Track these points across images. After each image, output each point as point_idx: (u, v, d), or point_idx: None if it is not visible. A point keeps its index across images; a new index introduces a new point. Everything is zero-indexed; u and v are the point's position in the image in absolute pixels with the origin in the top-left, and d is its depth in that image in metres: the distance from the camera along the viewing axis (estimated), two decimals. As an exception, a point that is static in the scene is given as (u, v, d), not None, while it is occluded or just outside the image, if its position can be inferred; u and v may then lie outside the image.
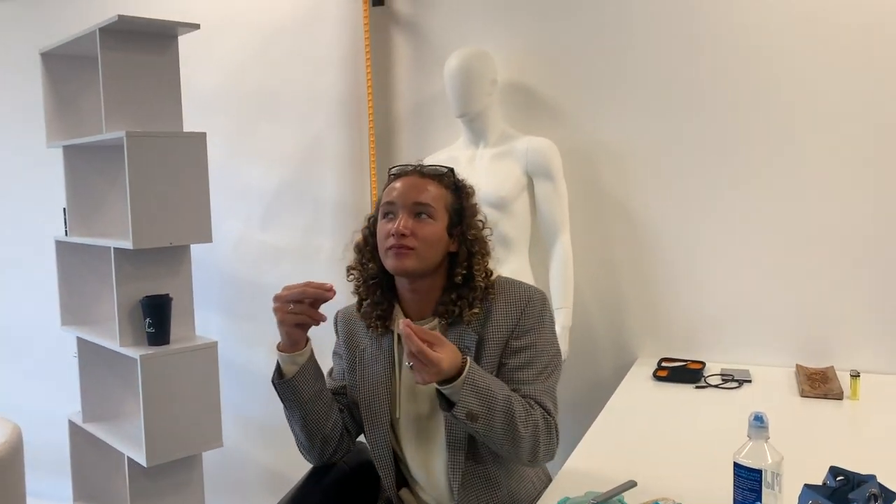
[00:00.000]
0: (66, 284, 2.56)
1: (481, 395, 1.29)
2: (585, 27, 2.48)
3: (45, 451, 3.20)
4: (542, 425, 1.37)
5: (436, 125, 2.74)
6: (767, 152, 2.28)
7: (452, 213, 1.47)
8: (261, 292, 2.95)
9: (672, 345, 2.45)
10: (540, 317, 1.46)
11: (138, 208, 2.09)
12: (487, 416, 1.30)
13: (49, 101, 2.51)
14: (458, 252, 1.45)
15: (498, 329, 1.44)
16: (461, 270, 1.43)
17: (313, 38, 2.79)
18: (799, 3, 2.20)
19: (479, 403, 1.29)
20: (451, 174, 1.51)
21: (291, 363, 1.42)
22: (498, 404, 1.31)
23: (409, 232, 1.39)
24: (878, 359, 2.20)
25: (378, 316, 1.49)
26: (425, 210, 1.42)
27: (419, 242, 1.40)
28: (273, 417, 2.94)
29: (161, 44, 2.23)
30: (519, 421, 1.33)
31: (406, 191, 1.44)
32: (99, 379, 2.54)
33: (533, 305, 1.45)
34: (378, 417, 1.49)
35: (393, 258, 1.40)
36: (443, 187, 1.47)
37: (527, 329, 1.44)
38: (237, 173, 2.97)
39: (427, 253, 1.41)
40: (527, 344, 1.43)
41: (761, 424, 1.12)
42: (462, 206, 1.48)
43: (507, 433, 1.32)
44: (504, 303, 1.46)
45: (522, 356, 1.43)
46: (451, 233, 1.46)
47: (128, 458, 2.22)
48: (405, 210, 1.42)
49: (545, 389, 1.43)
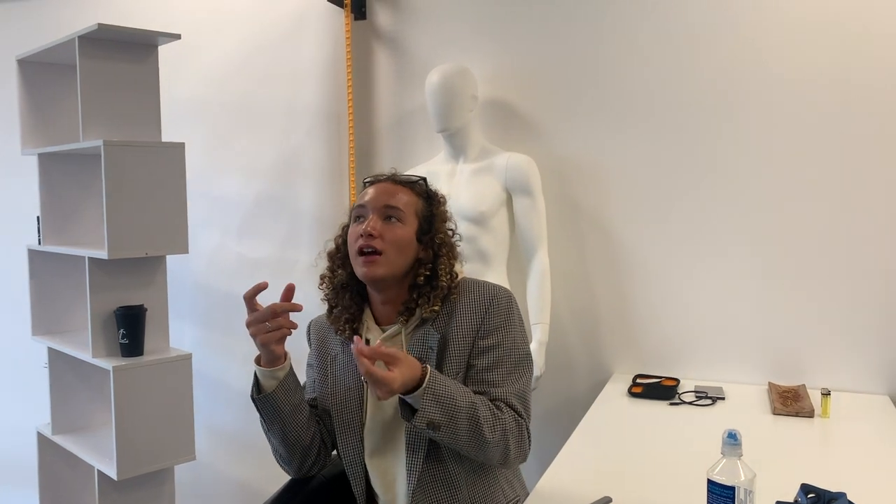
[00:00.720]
0: (38, 294, 2.52)
1: (443, 403, 1.29)
2: (565, 45, 2.51)
3: (12, 463, 3.14)
4: (512, 428, 1.37)
5: (416, 139, 2.75)
6: (743, 173, 2.32)
7: (423, 220, 1.48)
8: (236, 304, 2.93)
9: (647, 361, 2.47)
10: (507, 315, 1.45)
11: (114, 218, 2.06)
12: (450, 425, 1.30)
13: (25, 108, 2.48)
14: (423, 256, 1.46)
15: (462, 328, 1.43)
16: (424, 271, 1.44)
17: (295, 50, 2.79)
18: (776, 25, 2.25)
19: (440, 412, 1.29)
20: (423, 183, 1.54)
21: (271, 378, 1.42)
22: (461, 412, 1.30)
23: (377, 233, 1.41)
24: (849, 377, 2.23)
25: (347, 320, 1.49)
26: (395, 213, 1.44)
27: (387, 245, 1.41)
28: (246, 431, 2.92)
29: (141, 53, 2.22)
30: (486, 426, 1.32)
31: (377, 195, 1.46)
32: (69, 390, 2.50)
33: (498, 303, 1.45)
34: (349, 425, 1.49)
35: (362, 265, 1.41)
36: (414, 194, 1.50)
37: (493, 328, 1.43)
38: (214, 184, 2.95)
39: (395, 257, 1.42)
40: (494, 343, 1.43)
41: (735, 442, 1.13)
42: (433, 213, 1.50)
43: (472, 439, 1.32)
44: (468, 301, 1.45)
45: (490, 356, 1.42)
46: (420, 239, 1.46)
47: (98, 472, 2.18)
48: (375, 212, 1.44)
49: (515, 392, 1.42)
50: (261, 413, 1.44)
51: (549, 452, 2.56)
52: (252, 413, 2.89)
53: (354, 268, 1.45)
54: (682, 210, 2.40)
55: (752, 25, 2.28)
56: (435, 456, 1.43)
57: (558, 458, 1.72)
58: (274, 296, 3.04)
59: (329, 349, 1.56)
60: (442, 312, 1.45)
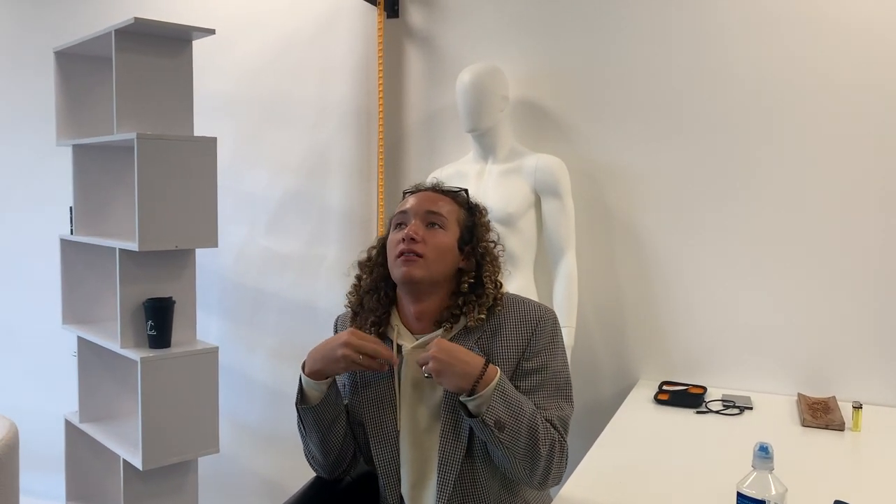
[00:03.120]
0: (68, 283, 2.55)
1: (511, 404, 1.28)
2: (599, 48, 2.49)
3: (40, 449, 3.19)
4: (556, 448, 1.35)
5: (445, 139, 2.75)
6: (777, 182, 2.28)
7: (464, 229, 1.46)
8: (262, 299, 2.95)
9: (674, 368, 2.44)
10: (552, 337, 1.43)
11: (146, 210, 2.09)
12: (514, 427, 1.28)
13: (60, 100, 2.52)
14: (466, 265, 1.44)
15: (507, 347, 1.40)
16: (469, 279, 1.42)
17: (327, 47, 2.80)
18: (814, 28, 2.21)
19: (507, 412, 1.28)
20: (465, 194, 1.53)
21: (316, 390, 1.40)
22: (524, 416, 1.29)
23: (419, 238, 1.39)
24: (881, 391, 2.19)
25: (373, 322, 1.46)
26: (437, 220, 1.43)
27: (429, 250, 1.39)
28: (269, 425, 2.94)
29: (175, 47, 2.24)
30: (540, 437, 1.31)
31: (419, 201, 1.45)
32: (97, 379, 2.53)
33: (545, 324, 1.42)
34: (385, 432, 1.45)
35: (401, 265, 1.39)
36: (456, 204, 1.49)
37: (539, 349, 1.41)
38: (244, 179, 2.97)
39: (435, 263, 1.40)
40: (539, 366, 1.40)
41: (766, 455, 1.11)
42: (475, 223, 1.48)
43: (528, 449, 1.31)
44: (514, 319, 1.42)
45: (535, 378, 1.40)
46: (461, 248, 1.45)
47: (123, 461, 2.21)
48: (417, 218, 1.43)
49: (559, 416, 1.39)
50: (301, 421, 1.43)
51: (572, 458, 2.54)
52: (275, 408, 2.92)
53: (392, 270, 1.43)
54: (714, 217, 2.37)
55: (789, 29, 2.24)
56: (467, 471, 1.41)
57: (582, 465, 1.70)
58: (301, 293, 3.04)
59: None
60: (486, 326, 1.42)
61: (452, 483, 1.39)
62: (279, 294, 2.91)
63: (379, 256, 1.50)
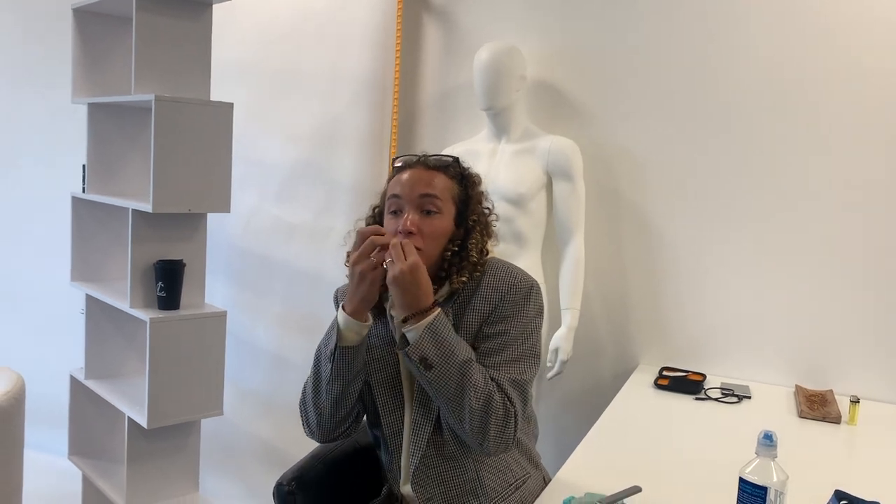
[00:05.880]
0: (79, 241, 2.57)
1: (442, 345, 1.30)
2: (618, 32, 2.48)
3: (44, 404, 3.23)
4: (498, 408, 1.33)
5: (459, 116, 2.75)
6: (783, 175, 2.29)
7: (459, 204, 1.46)
8: (269, 266, 2.97)
9: (674, 354, 2.47)
10: (521, 305, 1.41)
11: (161, 172, 2.09)
12: (442, 369, 1.30)
13: (78, 58, 2.51)
14: (456, 233, 1.44)
15: (474, 311, 1.41)
16: (453, 247, 1.42)
17: (346, 18, 2.79)
18: (838, 18, 2.21)
19: (436, 352, 1.29)
20: (456, 163, 1.49)
21: (357, 332, 1.38)
22: (455, 360, 1.30)
23: (415, 229, 1.38)
24: (880, 386, 2.22)
25: None
26: (433, 204, 1.41)
27: (426, 240, 1.39)
28: (270, 390, 2.97)
29: (195, 10, 2.23)
30: (471, 389, 1.30)
31: (412, 184, 1.42)
32: (104, 337, 2.55)
33: (516, 292, 1.41)
34: (392, 404, 1.47)
35: None
36: (449, 178, 1.46)
37: (503, 316, 1.40)
38: (256, 146, 2.97)
39: (432, 249, 1.40)
40: (500, 331, 1.40)
41: (770, 443, 1.14)
42: (468, 195, 1.47)
43: (457, 395, 1.31)
44: (487, 285, 1.42)
45: (494, 341, 1.40)
46: (457, 224, 1.45)
47: (128, 418, 2.24)
48: (411, 205, 1.41)
49: (513, 380, 1.37)
50: (331, 365, 1.40)
51: (570, 438, 2.58)
52: (278, 374, 2.95)
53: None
54: (721, 207, 2.38)
55: (809, 21, 2.23)
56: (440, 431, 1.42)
57: (581, 446, 1.73)
58: (307, 262, 3.05)
59: None
60: (465, 290, 1.43)
61: (423, 448, 1.42)
62: (286, 262, 2.93)
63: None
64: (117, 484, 2.41)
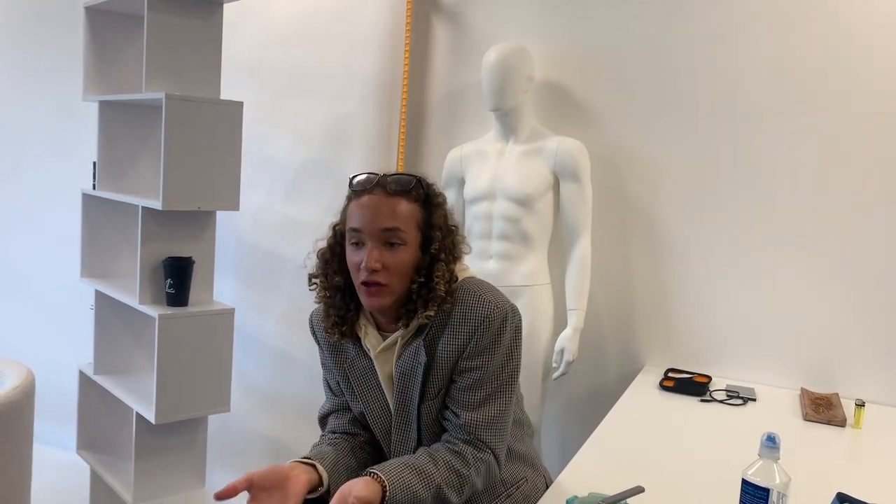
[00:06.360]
0: (89, 238, 2.59)
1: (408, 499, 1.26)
2: (627, 31, 2.49)
3: (53, 398, 3.26)
4: (478, 472, 1.35)
5: (467, 116, 2.76)
6: (790, 179, 2.29)
7: (424, 228, 1.38)
8: (277, 264, 2.99)
9: (680, 356, 2.48)
10: (496, 337, 1.36)
11: (171, 170, 2.11)
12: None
13: (89, 56, 2.53)
14: (420, 262, 1.37)
15: (448, 347, 1.37)
16: (419, 278, 1.35)
17: (355, 19, 2.80)
18: (847, 21, 2.21)
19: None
20: (419, 184, 1.39)
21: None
22: (425, 497, 1.28)
23: (379, 266, 1.32)
24: (886, 390, 2.22)
25: (335, 323, 1.43)
26: (396, 237, 1.33)
27: (391, 276, 1.33)
28: (277, 387, 2.99)
29: (206, 10, 2.25)
30: (453, 495, 1.31)
31: (372, 216, 1.33)
32: (113, 333, 2.58)
33: (489, 325, 1.35)
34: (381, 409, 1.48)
35: (366, 296, 1.34)
36: (411, 202, 1.37)
37: (479, 350, 1.36)
38: (264, 144, 2.99)
39: (400, 284, 1.35)
40: (477, 365, 1.36)
41: (773, 445, 1.14)
42: (431, 218, 1.39)
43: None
44: (459, 317, 1.37)
45: (470, 376, 1.37)
46: (423, 249, 1.38)
47: (136, 414, 2.26)
48: (374, 239, 1.33)
49: (488, 419, 1.36)
50: None
51: (574, 439, 2.59)
52: (284, 371, 2.97)
53: (358, 292, 1.37)
54: (729, 209, 2.38)
55: (818, 25, 2.23)
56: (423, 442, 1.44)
57: (585, 447, 1.74)
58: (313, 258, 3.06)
59: (342, 351, 1.50)
60: (435, 322, 1.38)
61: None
62: (294, 261, 2.94)
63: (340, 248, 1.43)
64: (125, 478, 2.43)
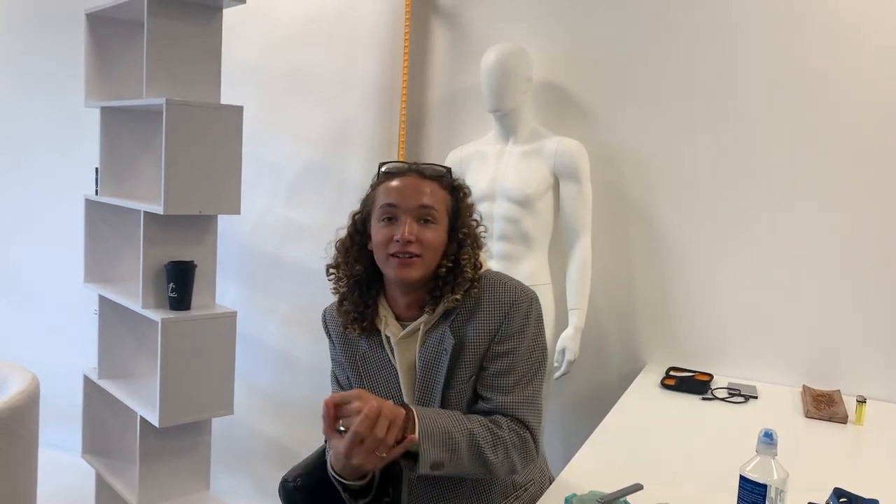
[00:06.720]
0: (91, 242, 2.60)
1: (442, 442, 1.27)
2: (625, 33, 2.50)
3: (58, 403, 3.27)
4: (514, 443, 1.35)
5: (467, 117, 2.77)
6: (791, 176, 2.29)
7: (451, 216, 1.43)
8: (279, 267, 3.00)
9: (681, 354, 2.48)
10: (524, 320, 1.41)
11: (172, 175, 2.12)
12: (453, 459, 1.28)
13: (90, 62, 2.55)
14: (447, 248, 1.42)
15: (478, 331, 1.40)
16: (447, 263, 1.40)
17: (354, 22, 2.81)
18: (845, 20, 2.21)
19: (442, 451, 1.27)
20: (449, 174, 1.47)
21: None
22: (461, 445, 1.29)
23: (414, 238, 1.35)
24: (887, 387, 2.22)
25: (355, 318, 1.46)
26: (430, 214, 1.38)
27: (424, 249, 1.37)
28: (280, 390, 3.00)
29: (206, 15, 2.26)
30: (487, 450, 1.31)
31: (409, 193, 1.39)
32: (116, 338, 2.59)
33: (518, 308, 1.40)
34: None
35: (397, 267, 1.36)
36: (442, 188, 1.43)
37: (510, 333, 1.40)
38: (266, 148, 3.00)
39: (431, 259, 1.38)
40: (509, 349, 1.40)
41: (770, 441, 1.15)
42: (459, 206, 1.45)
43: (476, 465, 1.32)
44: (488, 303, 1.41)
45: (503, 361, 1.40)
46: (449, 234, 1.43)
47: (140, 418, 2.27)
48: (409, 214, 1.37)
49: (522, 399, 1.39)
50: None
51: (576, 438, 2.60)
52: (287, 374, 2.97)
53: (384, 268, 1.40)
54: (729, 208, 2.38)
55: (816, 24, 2.24)
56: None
57: (587, 445, 1.74)
58: (317, 263, 3.07)
59: (354, 345, 1.52)
60: (462, 308, 1.41)
61: None
62: (296, 263, 2.95)
63: (360, 237, 1.46)
64: (130, 482, 2.44)
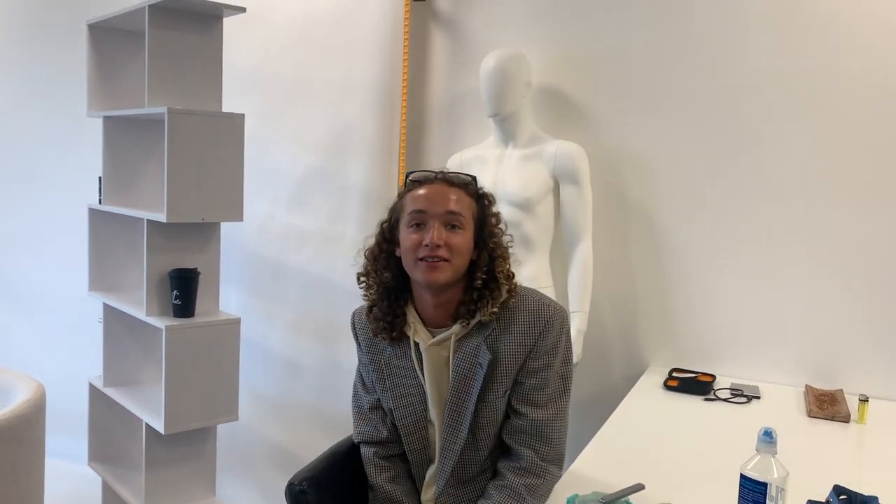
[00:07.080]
0: (96, 251, 2.62)
1: None
2: (623, 36, 2.51)
3: (64, 411, 3.28)
4: (543, 485, 1.42)
5: (467, 122, 2.78)
6: (792, 176, 2.30)
7: (477, 223, 1.46)
8: (282, 273, 3.01)
9: (684, 356, 2.48)
10: (559, 337, 1.45)
11: (174, 183, 2.14)
12: None
13: (92, 72, 2.57)
14: (479, 258, 1.45)
15: (514, 347, 1.43)
16: (481, 274, 1.43)
17: (353, 27, 2.83)
18: (845, 22, 2.22)
19: None
20: (474, 182, 1.51)
21: None
22: None
23: (443, 243, 1.39)
24: (890, 386, 2.22)
25: (385, 326, 1.49)
26: (457, 220, 1.42)
27: (452, 254, 1.40)
28: (285, 395, 3.01)
29: (207, 24, 2.28)
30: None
31: (437, 199, 1.43)
32: (121, 346, 2.60)
33: (553, 325, 1.44)
34: (417, 430, 1.51)
35: (425, 271, 1.39)
36: (468, 196, 1.47)
37: (546, 350, 1.44)
38: (267, 154, 3.02)
39: (459, 264, 1.41)
40: (544, 365, 1.44)
41: (770, 440, 1.15)
42: (485, 214, 1.48)
43: None
44: (524, 317, 1.44)
45: (538, 377, 1.44)
46: (475, 242, 1.45)
47: (146, 425, 2.28)
48: (437, 219, 1.41)
49: (553, 415, 1.44)
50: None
51: (581, 440, 2.59)
52: (291, 379, 2.99)
53: (413, 273, 1.43)
54: (729, 208, 2.39)
55: (815, 23, 2.24)
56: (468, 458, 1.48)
57: (590, 446, 1.75)
58: (320, 268, 3.08)
59: (380, 350, 1.54)
60: (497, 322, 1.44)
61: (450, 469, 1.47)
62: (298, 269, 2.97)
63: (388, 245, 1.49)
64: (136, 489, 2.45)
